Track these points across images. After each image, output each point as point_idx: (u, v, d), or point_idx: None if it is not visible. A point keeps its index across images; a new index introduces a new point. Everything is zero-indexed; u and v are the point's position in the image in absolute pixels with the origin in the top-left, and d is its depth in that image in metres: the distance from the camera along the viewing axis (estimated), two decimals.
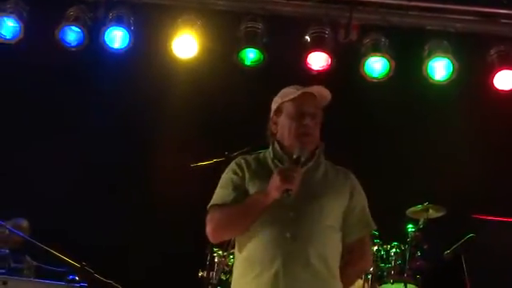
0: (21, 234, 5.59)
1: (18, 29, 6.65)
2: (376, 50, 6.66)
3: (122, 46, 6.71)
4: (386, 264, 6.86)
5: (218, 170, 5.83)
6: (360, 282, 6.55)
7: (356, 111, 7.37)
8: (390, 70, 6.64)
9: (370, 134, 7.57)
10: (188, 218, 6.03)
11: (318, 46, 6.66)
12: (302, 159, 3.52)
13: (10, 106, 7.32)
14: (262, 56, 6.71)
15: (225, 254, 6.20)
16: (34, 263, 6.18)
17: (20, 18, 6.63)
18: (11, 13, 6.61)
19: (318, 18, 6.67)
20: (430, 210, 6.81)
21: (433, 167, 7.50)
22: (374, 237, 6.58)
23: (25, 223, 6.57)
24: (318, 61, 6.73)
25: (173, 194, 7.06)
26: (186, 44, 6.72)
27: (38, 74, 7.18)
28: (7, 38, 6.67)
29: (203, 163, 5.94)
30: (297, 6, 6.65)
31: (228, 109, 7.34)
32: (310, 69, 6.72)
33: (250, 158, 3.75)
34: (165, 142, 7.52)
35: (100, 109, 7.35)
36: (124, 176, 7.56)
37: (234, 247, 4.00)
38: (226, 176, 3.70)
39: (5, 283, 5.41)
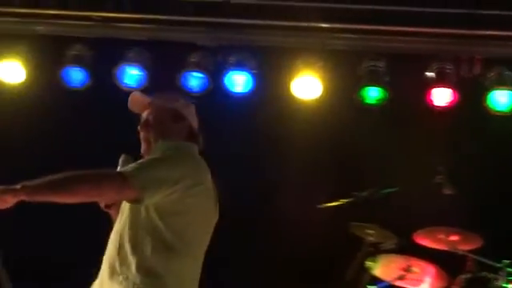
0: None
1: (142, 77, 7.60)
2: (501, 83, 7.20)
3: (244, 90, 7.55)
4: None
5: (346, 211, 6.65)
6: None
7: (480, 144, 7.88)
8: None
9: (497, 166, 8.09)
10: (317, 259, 6.73)
11: (441, 81, 7.27)
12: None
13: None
14: (384, 94, 7.37)
15: None
16: None
17: (144, 66, 7.58)
18: (135, 61, 7.59)
19: (440, 54, 7.35)
20: None
21: None
22: None
23: None
24: (441, 96, 7.33)
25: (300, 235, 7.73)
26: (306, 85, 7.42)
27: None
28: (132, 86, 7.58)
29: (331, 204, 6.69)
30: (418, 42, 7.27)
31: (352, 148, 7.95)
32: (433, 105, 7.39)
33: None
34: (289, 183, 8.10)
35: (222, 152, 8.18)
36: (249, 220, 8.28)
37: None
38: None
39: None
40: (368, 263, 6.81)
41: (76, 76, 7.64)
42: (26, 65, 7.70)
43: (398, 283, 6.85)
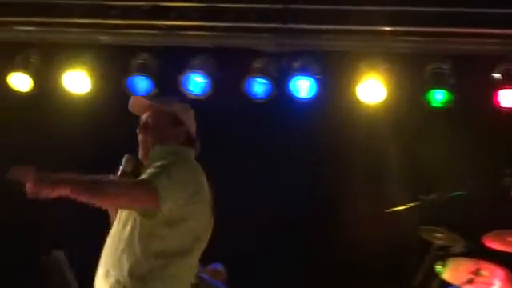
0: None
1: (206, 84, 7.72)
2: None
3: (308, 95, 7.61)
4: None
5: (414, 214, 6.66)
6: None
7: None
8: None
9: None
10: (385, 264, 6.75)
11: (508, 82, 7.22)
12: (128, 170, 4.19)
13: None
14: (450, 96, 7.34)
15: None
16: None
17: (208, 73, 7.67)
18: (199, 69, 7.69)
19: (507, 55, 7.32)
20: None
21: None
22: None
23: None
24: (508, 98, 7.27)
25: (367, 240, 7.74)
26: (371, 88, 7.44)
27: (227, 126, 8.20)
28: (196, 93, 7.72)
29: (398, 208, 6.71)
30: (484, 43, 7.22)
31: (418, 151, 7.95)
32: (500, 106, 7.35)
33: None
34: (356, 187, 8.14)
35: (287, 157, 8.26)
36: (314, 227, 8.30)
37: None
38: None
39: None
40: (437, 267, 6.80)
41: (141, 85, 7.75)
42: (92, 75, 7.82)
43: (466, 287, 6.82)
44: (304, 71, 7.55)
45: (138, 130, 4.27)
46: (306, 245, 8.33)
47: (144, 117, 4.33)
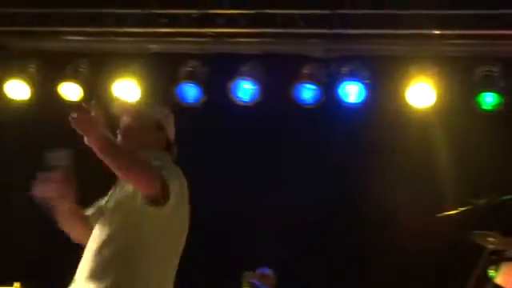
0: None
1: (255, 91, 7.79)
2: None
3: (357, 100, 7.65)
4: None
5: (466, 218, 6.64)
6: None
7: None
8: None
9: None
10: (437, 269, 6.74)
11: None
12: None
13: (245, 161, 8.46)
14: (500, 99, 7.33)
15: None
16: None
17: (257, 80, 7.75)
18: (248, 76, 7.77)
19: None
20: None
21: None
22: None
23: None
24: None
25: (419, 246, 7.74)
26: (420, 92, 7.46)
27: (276, 132, 8.29)
28: (246, 100, 7.79)
29: (450, 212, 6.70)
30: None
31: (469, 154, 7.93)
32: None
33: None
34: (406, 192, 8.11)
35: (339, 162, 8.30)
36: (365, 231, 8.35)
37: None
38: None
39: None
40: (490, 271, 6.77)
41: (190, 92, 7.84)
42: (141, 83, 7.92)
43: None
44: (353, 76, 7.60)
45: (118, 131, 4.25)
46: (356, 249, 8.34)
47: (125, 119, 4.29)
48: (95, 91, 8.00)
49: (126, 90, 7.94)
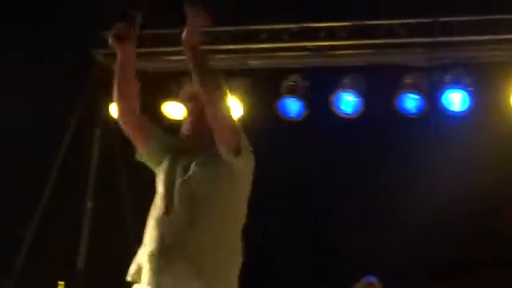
0: None
1: (357, 103, 7.83)
2: None
3: (461, 109, 7.60)
4: None
5: None
6: None
7: None
8: None
9: None
10: None
11: None
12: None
13: (350, 174, 8.49)
14: None
15: None
16: None
17: (359, 91, 7.78)
18: (350, 88, 7.81)
19: None
20: None
21: None
22: None
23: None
24: None
25: None
26: None
27: (381, 144, 8.30)
28: (348, 113, 7.84)
29: None
30: None
31: None
32: None
33: None
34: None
35: (444, 173, 8.26)
36: (472, 241, 8.33)
37: None
38: None
39: None
40: None
41: (293, 107, 7.92)
42: (243, 100, 8.01)
43: None
44: (456, 84, 7.54)
45: (184, 99, 4.39)
46: (467, 255, 8.29)
47: (193, 104, 4.28)
48: None
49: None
